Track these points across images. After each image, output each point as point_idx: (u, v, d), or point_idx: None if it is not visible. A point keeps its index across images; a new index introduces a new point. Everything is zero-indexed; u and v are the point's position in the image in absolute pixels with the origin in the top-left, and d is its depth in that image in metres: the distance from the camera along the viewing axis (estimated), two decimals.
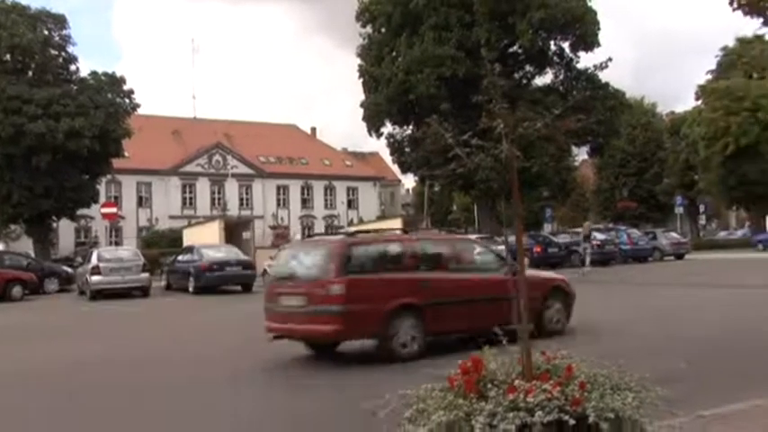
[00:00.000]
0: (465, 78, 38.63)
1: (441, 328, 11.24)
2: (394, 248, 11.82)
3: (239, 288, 28.76)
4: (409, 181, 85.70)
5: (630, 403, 3.90)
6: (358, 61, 48.04)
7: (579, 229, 41.78)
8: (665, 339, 12.21)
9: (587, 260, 34.14)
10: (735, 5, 10.34)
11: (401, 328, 10.70)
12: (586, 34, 43.56)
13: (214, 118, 73.04)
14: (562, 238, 41.98)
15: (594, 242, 38.92)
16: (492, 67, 4.27)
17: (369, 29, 47.29)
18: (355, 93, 52.10)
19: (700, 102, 63.55)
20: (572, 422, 3.66)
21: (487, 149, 4.01)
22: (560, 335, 12.15)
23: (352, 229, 49.36)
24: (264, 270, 32.81)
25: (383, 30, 46.40)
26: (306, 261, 11.55)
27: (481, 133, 4.33)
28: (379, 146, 79.14)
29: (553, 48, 45.40)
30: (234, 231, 39.61)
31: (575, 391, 3.84)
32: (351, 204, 73.73)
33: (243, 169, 68.33)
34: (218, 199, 66.65)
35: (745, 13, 10.30)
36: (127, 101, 44.01)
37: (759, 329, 13.07)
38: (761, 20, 10.34)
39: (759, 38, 11.78)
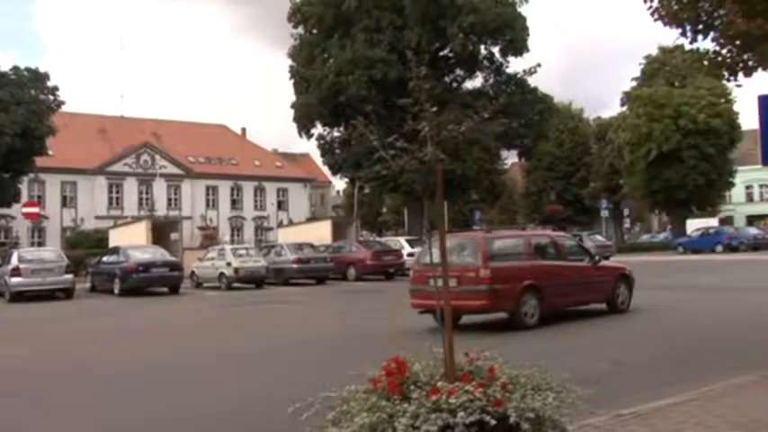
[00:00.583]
0: (396, 81, 38.77)
1: (553, 303, 14.59)
2: (517, 242, 15.39)
3: (166, 289, 28.34)
4: (340, 183, 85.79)
5: (551, 403, 3.95)
6: (289, 62, 47.82)
7: None
8: (591, 340, 12.45)
9: None
10: (655, 16, 10.61)
11: (527, 303, 13.93)
12: (516, 39, 44.14)
13: (142, 117, 71.94)
14: None
15: None
16: (418, 70, 4.28)
17: (300, 30, 47.08)
18: (286, 93, 51.91)
19: (625, 108, 65.05)
20: (493, 422, 3.70)
21: (412, 152, 4.02)
22: (625, 312, 15.79)
23: (288, 229, 49.09)
24: (192, 271, 32.44)
25: (315, 31, 46.28)
26: (456, 251, 13.79)
27: (408, 136, 4.34)
28: (310, 147, 78.93)
29: (483, 52, 45.86)
30: (161, 232, 38.96)
31: (496, 392, 3.88)
32: (281, 205, 73.32)
33: (171, 169, 67.37)
34: (146, 199, 65.56)
35: (665, 24, 10.57)
36: (51, 97, 42.99)
37: (679, 329, 13.43)
38: (680, 30, 10.63)
39: (679, 47, 12.15)
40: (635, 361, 10.20)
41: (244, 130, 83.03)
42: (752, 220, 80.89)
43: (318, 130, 47.54)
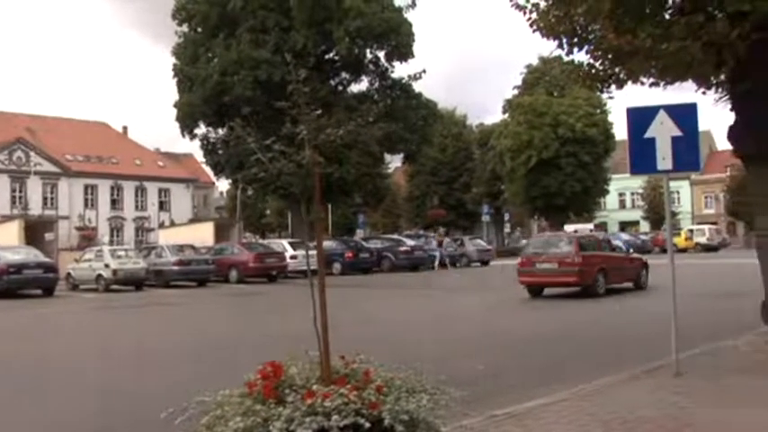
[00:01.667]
0: (282, 82, 38.52)
1: (612, 281, 21.56)
2: (591, 239, 24.09)
3: (40, 292, 27.33)
4: (223, 184, 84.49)
5: (425, 405, 4.00)
6: (173, 60, 46.83)
7: (392, 236, 47.31)
8: (470, 342, 12.69)
9: (437, 263, 40.59)
10: (534, 28, 10.91)
11: (599, 280, 20.91)
12: (401, 45, 44.56)
13: (15, 111, 68.95)
14: (373, 244, 42.73)
15: (409, 244, 40.91)
16: (297, 73, 4.28)
17: (185, 28, 46.18)
18: (170, 92, 50.82)
19: (506, 115, 66.70)
20: (367, 425, 3.73)
21: (289, 155, 4.02)
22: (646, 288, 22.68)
23: (171, 230, 47.97)
24: (69, 273, 31.38)
25: (199, 29, 45.49)
26: (554, 245, 22.19)
27: (287, 138, 4.33)
28: (194, 147, 77.52)
29: (369, 56, 46.08)
30: (35, 232, 37.58)
31: (371, 395, 3.91)
32: (162, 206, 71.63)
33: (47, 167, 64.77)
34: (20, 198, 62.77)
35: (543, 36, 10.87)
36: None
37: (549, 330, 13.86)
38: (556, 42, 10.96)
39: (558, 58, 12.57)
40: (508, 362, 10.47)
41: (125, 128, 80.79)
42: (624, 226, 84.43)
43: (202, 130, 46.73)
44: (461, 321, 15.99)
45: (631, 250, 26.08)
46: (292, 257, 34.86)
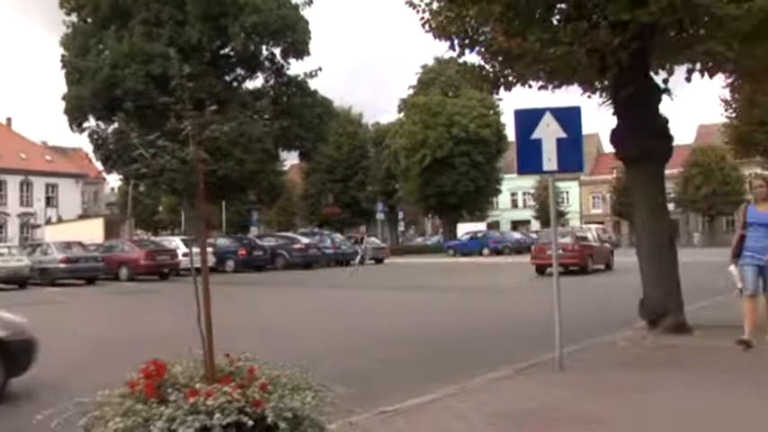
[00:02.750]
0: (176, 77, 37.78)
1: (595, 262, 30.30)
2: (583, 234, 34.60)
3: None
4: (114, 179, 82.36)
5: (309, 402, 4.00)
6: (62, 50, 45.26)
7: (287, 233, 47.60)
8: (359, 338, 12.75)
9: (357, 259, 41.26)
10: (426, 28, 11.05)
11: (590, 261, 29.70)
12: (298, 42, 44.43)
13: None
14: (267, 242, 42.45)
15: (303, 242, 40.98)
16: (181, 67, 4.22)
17: (74, 17, 44.72)
18: (58, 82, 48.90)
19: (402, 114, 67.30)
20: (250, 423, 3.71)
21: (172, 151, 3.96)
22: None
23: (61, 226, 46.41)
24: None
25: (90, 20, 44.11)
26: (559, 237, 21.88)
27: (173, 134, 4.26)
28: (84, 141, 75.19)
29: (265, 53, 45.73)
30: None
31: (255, 393, 3.89)
32: (50, 202, 69.27)
33: None
34: None
35: (435, 36, 11.04)
36: None
37: (443, 328, 14.06)
38: (448, 43, 11.14)
39: (453, 59, 12.76)
40: (401, 358, 10.58)
41: (9, 119, 77.77)
42: (516, 225, 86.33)
43: (91, 123, 45.31)
44: (360, 319, 16.03)
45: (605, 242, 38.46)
46: (185, 255, 34.30)
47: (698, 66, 10.99)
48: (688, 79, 11.18)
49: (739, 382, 7.41)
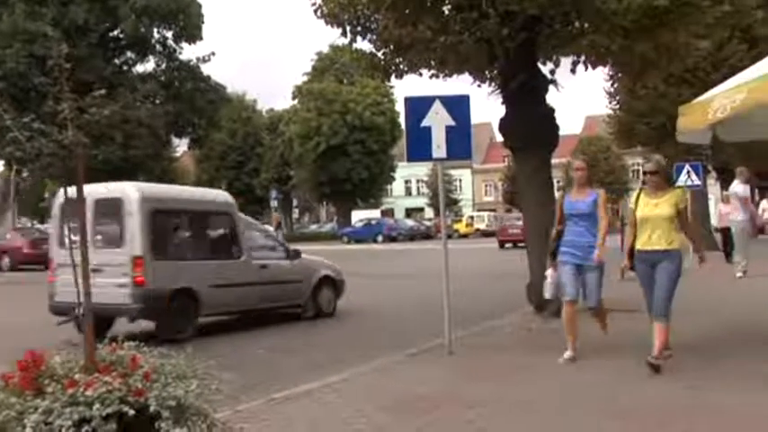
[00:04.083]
0: (66, 60, 36.39)
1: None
2: None
3: None
4: None
5: (194, 390, 3.95)
6: None
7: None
8: (251, 326, 12.66)
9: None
10: (318, 14, 11.01)
11: None
12: (190, 26, 43.45)
13: None
14: None
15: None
16: (59, 48, 4.08)
17: None
18: None
19: (296, 101, 66.89)
20: (132, 413, 3.63)
21: (50, 134, 3.83)
22: None
23: None
24: None
25: None
26: (516, 220, 27.74)
27: (52, 117, 4.11)
28: None
29: (156, 36, 44.55)
30: None
31: (138, 382, 3.81)
32: None
33: None
34: None
35: (327, 23, 11.00)
36: None
37: (356, 311, 14.11)
38: (340, 30, 11.13)
39: (348, 46, 12.68)
40: (294, 346, 10.57)
41: None
42: (410, 212, 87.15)
43: None
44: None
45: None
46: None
47: (582, 58, 11.34)
48: (573, 71, 11.53)
49: (626, 363, 7.70)
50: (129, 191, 11.29)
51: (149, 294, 10.80)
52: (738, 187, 17.32)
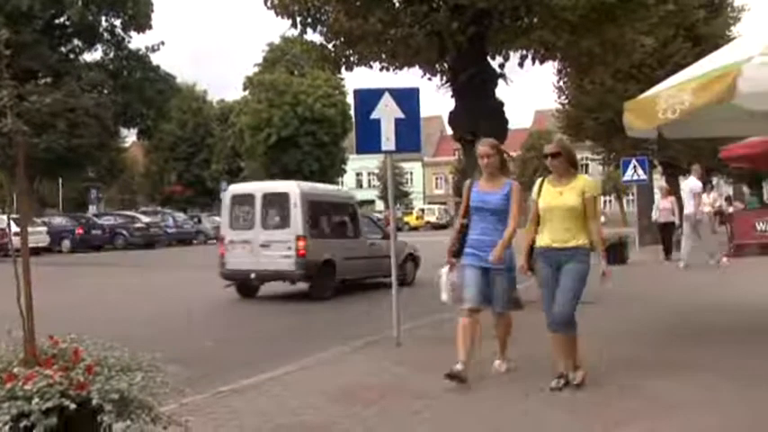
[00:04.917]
0: (6, 46, 35.66)
1: None
2: None
3: None
4: None
5: (138, 383, 3.91)
6: None
7: (127, 212, 45.98)
8: (198, 319, 12.57)
9: None
10: (268, 5, 10.94)
11: None
12: (139, 15, 42.95)
13: None
14: (106, 220, 41.03)
15: (144, 221, 39.94)
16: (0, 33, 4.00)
17: None
18: None
19: (247, 92, 66.38)
20: (73, 406, 3.59)
21: None
22: None
23: None
24: None
25: None
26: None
27: None
28: None
29: (104, 24, 43.90)
30: None
31: (80, 375, 3.77)
32: None
33: None
34: None
35: (277, 14, 10.95)
36: None
37: (289, 305, 14.06)
38: (291, 21, 11.08)
39: (299, 38, 12.64)
40: (239, 338, 10.52)
41: None
42: (361, 204, 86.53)
43: None
44: (199, 300, 15.74)
45: None
46: (16, 234, 32.56)
47: (531, 53, 11.45)
48: (521, 65, 11.64)
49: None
50: (293, 187, 15.27)
51: (308, 263, 14.57)
52: (693, 183, 18.24)
